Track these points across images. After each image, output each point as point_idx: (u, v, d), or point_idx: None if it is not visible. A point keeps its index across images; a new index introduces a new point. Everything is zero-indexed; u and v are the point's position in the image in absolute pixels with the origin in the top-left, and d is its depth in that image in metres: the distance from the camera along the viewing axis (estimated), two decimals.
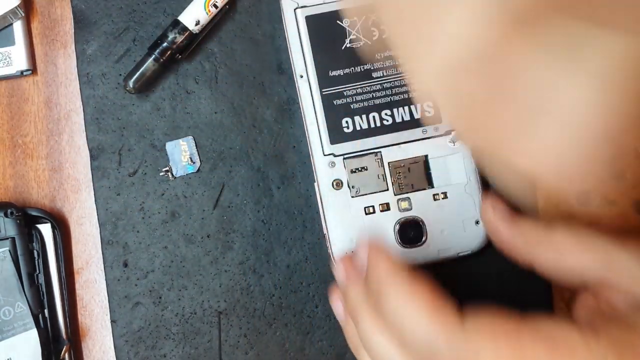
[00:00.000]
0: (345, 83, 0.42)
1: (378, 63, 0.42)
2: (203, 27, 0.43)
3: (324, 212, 0.41)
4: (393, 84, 0.42)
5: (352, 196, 0.41)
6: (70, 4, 0.44)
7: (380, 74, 0.42)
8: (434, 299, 0.27)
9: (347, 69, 0.42)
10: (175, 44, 0.42)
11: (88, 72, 0.44)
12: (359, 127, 0.42)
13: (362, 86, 0.42)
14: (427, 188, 0.41)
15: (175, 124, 0.44)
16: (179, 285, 0.43)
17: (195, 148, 0.43)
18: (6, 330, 0.41)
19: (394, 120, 0.42)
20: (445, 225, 0.41)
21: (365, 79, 0.42)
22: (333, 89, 0.42)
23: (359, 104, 0.42)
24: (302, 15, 0.42)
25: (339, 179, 0.41)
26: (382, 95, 0.42)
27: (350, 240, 0.41)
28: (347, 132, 0.42)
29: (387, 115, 0.42)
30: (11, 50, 0.44)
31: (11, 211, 0.42)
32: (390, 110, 0.42)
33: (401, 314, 0.27)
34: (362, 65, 0.42)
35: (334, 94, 0.42)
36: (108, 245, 0.43)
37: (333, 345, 0.43)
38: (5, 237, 0.41)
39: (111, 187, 0.43)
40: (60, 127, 0.45)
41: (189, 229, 0.43)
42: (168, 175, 0.43)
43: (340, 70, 0.42)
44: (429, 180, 0.42)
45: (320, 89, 0.42)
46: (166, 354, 0.43)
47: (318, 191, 0.41)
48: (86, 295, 0.44)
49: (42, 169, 0.45)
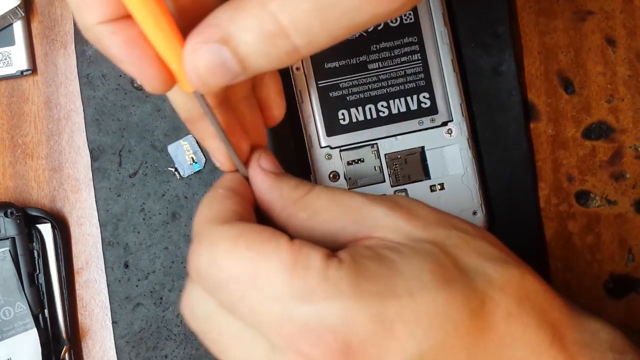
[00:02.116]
0: (341, 75, 0.42)
1: (374, 55, 0.42)
2: None
3: None
4: (389, 75, 0.42)
5: (349, 188, 0.41)
6: None
7: (376, 66, 0.42)
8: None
9: (343, 60, 0.42)
10: None
11: (88, 73, 0.44)
12: (355, 119, 0.42)
13: (358, 78, 0.42)
14: (424, 179, 0.42)
15: (176, 124, 0.44)
16: (180, 286, 0.43)
17: (197, 146, 0.43)
18: (6, 330, 0.41)
19: (390, 112, 0.42)
20: None
21: (361, 70, 0.42)
22: (329, 81, 0.42)
23: (355, 96, 0.42)
24: None
25: (335, 171, 0.41)
26: (378, 87, 0.42)
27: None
28: (343, 124, 0.42)
29: (384, 107, 0.42)
30: (11, 50, 0.44)
31: (11, 211, 0.41)
32: (386, 102, 0.42)
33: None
34: (357, 57, 0.42)
35: (329, 86, 0.42)
36: (109, 247, 0.43)
37: None
38: (5, 237, 0.41)
39: (112, 188, 0.43)
40: (60, 127, 0.45)
41: (190, 230, 0.43)
42: (176, 175, 0.43)
43: (336, 62, 0.42)
44: (426, 171, 0.42)
45: (316, 81, 0.42)
46: (167, 354, 0.42)
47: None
48: (86, 295, 0.44)
49: (42, 169, 0.45)
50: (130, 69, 0.25)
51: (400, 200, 0.28)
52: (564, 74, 0.44)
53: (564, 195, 0.44)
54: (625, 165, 0.44)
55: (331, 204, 0.28)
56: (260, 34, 0.23)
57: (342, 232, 0.27)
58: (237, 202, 0.28)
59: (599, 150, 0.44)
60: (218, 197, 0.28)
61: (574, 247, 0.44)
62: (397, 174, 0.42)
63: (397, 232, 0.26)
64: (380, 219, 0.27)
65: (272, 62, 0.24)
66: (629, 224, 0.44)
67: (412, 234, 0.26)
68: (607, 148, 0.44)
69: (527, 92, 0.44)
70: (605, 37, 0.44)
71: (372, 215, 0.27)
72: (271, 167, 0.30)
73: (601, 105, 0.44)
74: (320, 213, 0.28)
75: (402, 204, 0.27)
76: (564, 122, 0.44)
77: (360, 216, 0.27)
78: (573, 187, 0.44)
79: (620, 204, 0.44)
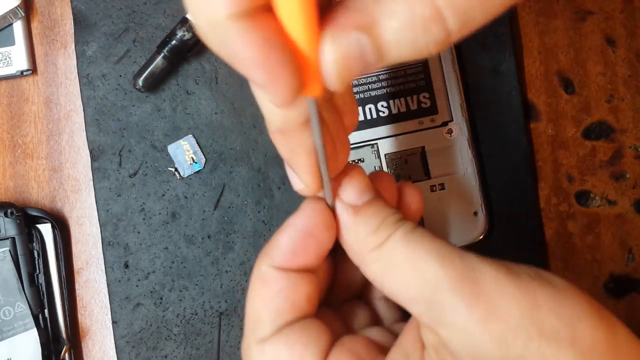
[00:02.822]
0: None
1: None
2: None
3: None
4: (389, 75, 0.42)
5: None
6: (70, 5, 0.44)
7: None
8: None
9: None
10: (184, 42, 0.42)
11: (88, 73, 0.44)
12: None
13: (357, 78, 0.42)
14: (424, 179, 0.42)
15: (176, 124, 0.44)
16: (180, 286, 0.43)
17: (197, 146, 0.43)
18: (6, 330, 0.41)
19: (390, 112, 0.42)
20: (443, 217, 0.41)
21: None
22: None
23: (355, 96, 0.42)
24: None
25: None
26: (378, 87, 0.42)
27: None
28: None
29: (384, 107, 0.42)
30: (11, 50, 0.44)
31: (11, 211, 0.41)
32: (386, 102, 0.42)
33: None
34: None
35: None
36: (109, 247, 0.43)
37: None
38: (5, 237, 0.41)
39: (112, 188, 0.43)
40: (60, 127, 0.45)
41: (190, 230, 0.43)
42: (176, 175, 0.43)
43: None
44: (426, 171, 0.42)
45: None
46: (167, 354, 0.42)
47: None
48: (86, 295, 0.44)
49: (42, 169, 0.45)
50: (262, 75, 0.20)
51: (486, 287, 0.23)
52: (564, 74, 0.44)
53: (564, 195, 0.44)
54: (625, 165, 0.44)
55: (406, 265, 0.24)
56: (411, 19, 0.20)
57: (410, 304, 0.25)
58: (302, 285, 0.26)
59: (599, 150, 0.44)
60: (281, 291, 0.26)
61: (574, 247, 0.44)
62: (398, 173, 0.42)
63: (465, 344, 0.23)
64: (451, 314, 0.23)
65: (416, 51, 0.21)
66: (629, 224, 0.44)
67: (481, 349, 0.23)
68: (607, 148, 0.44)
69: (527, 92, 0.44)
70: (605, 37, 0.44)
71: (444, 304, 0.23)
72: (354, 196, 0.26)
73: (601, 105, 0.44)
74: (392, 272, 0.25)
75: (486, 292, 0.23)
76: (564, 122, 0.44)
77: (432, 297, 0.24)
78: (573, 187, 0.44)
79: (620, 204, 0.44)
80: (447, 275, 0.23)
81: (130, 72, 0.44)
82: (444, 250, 0.24)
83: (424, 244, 0.25)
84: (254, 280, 0.27)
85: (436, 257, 0.24)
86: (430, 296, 0.24)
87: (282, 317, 0.26)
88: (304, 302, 0.26)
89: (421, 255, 0.24)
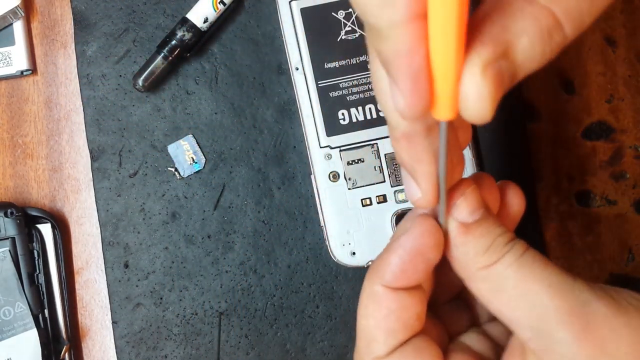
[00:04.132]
0: (341, 75, 0.42)
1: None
2: (211, 24, 0.43)
3: (320, 204, 0.41)
4: None
5: (348, 188, 0.41)
6: (70, 5, 0.44)
7: None
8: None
9: (343, 60, 0.42)
10: (184, 42, 0.42)
11: (88, 73, 0.44)
12: (355, 119, 0.42)
13: (357, 78, 0.42)
14: None
15: (176, 124, 0.44)
16: (180, 286, 0.43)
17: (197, 146, 0.43)
18: (6, 330, 0.41)
19: None
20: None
21: (360, 70, 0.42)
22: (329, 81, 0.42)
23: (354, 96, 0.42)
24: (297, 8, 0.42)
25: (335, 171, 0.41)
26: None
27: (347, 232, 0.41)
28: (343, 124, 0.42)
29: None
30: (11, 50, 0.44)
31: (11, 211, 0.41)
32: None
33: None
34: (357, 57, 0.42)
35: (329, 86, 0.42)
36: (109, 247, 0.43)
37: (334, 346, 0.43)
38: (5, 237, 0.41)
39: (112, 188, 0.43)
40: (60, 127, 0.45)
41: (190, 230, 0.43)
42: (176, 175, 0.43)
43: (336, 62, 0.42)
44: None
45: (316, 81, 0.42)
46: (167, 354, 0.42)
47: (315, 183, 0.41)
48: (86, 295, 0.44)
49: (42, 169, 0.45)
50: (409, 84, 0.20)
51: (597, 325, 0.23)
52: (564, 74, 0.44)
53: (564, 195, 0.44)
54: (625, 165, 0.44)
55: (514, 291, 0.24)
56: (538, 32, 0.21)
57: (517, 328, 0.25)
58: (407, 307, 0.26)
59: (599, 150, 0.44)
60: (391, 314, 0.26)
61: (574, 247, 0.44)
62: (397, 173, 0.42)
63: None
64: (560, 346, 0.23)
65: (542, 62, 0.22)
66: (629, 224, 0.44)
67: None
68: (607, 148, 0.44)
69: (527, 92, 0.44)
70: (605, 37, 0.44)
71: (553, 332, 0.23)
72: (466, 214, 0.26)
73: (601, 105, 0.44)
74: (501, 294, 0.25)
75: (597, 329, 0.23)
76: (564, 122, 0.44)
77: (541, 325, 0.24)
78: (573, 187, 0.44)
79: (620, 204, 0.44)
80: (557, 307, 0.23)
81: (130, 72, 0.44)
82: (555, 279, 0.24)
83: (534, 272, 0.24)
84: (366, 299, 0.27)
85: (547, 288, 0.24)
86: (539, 325, 0.24)
87: (395, 337, 0.26)
88: (415, 321, 0.27)
89: (532, 284, 0.24)
